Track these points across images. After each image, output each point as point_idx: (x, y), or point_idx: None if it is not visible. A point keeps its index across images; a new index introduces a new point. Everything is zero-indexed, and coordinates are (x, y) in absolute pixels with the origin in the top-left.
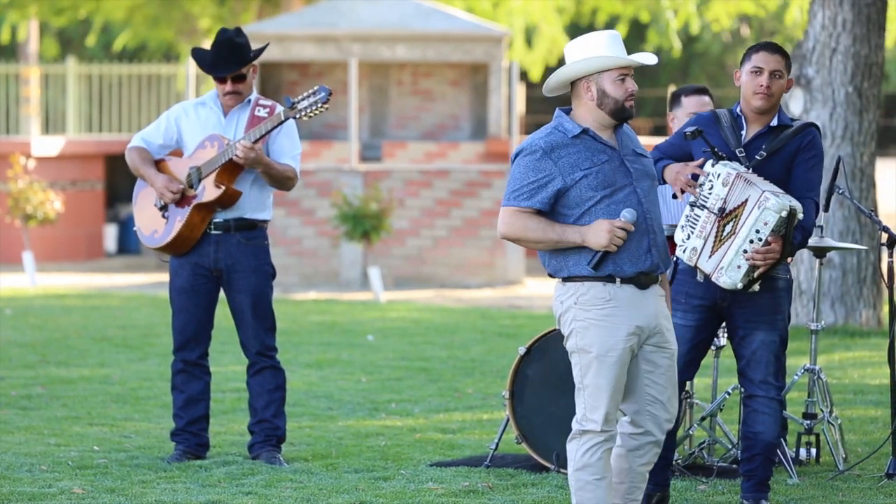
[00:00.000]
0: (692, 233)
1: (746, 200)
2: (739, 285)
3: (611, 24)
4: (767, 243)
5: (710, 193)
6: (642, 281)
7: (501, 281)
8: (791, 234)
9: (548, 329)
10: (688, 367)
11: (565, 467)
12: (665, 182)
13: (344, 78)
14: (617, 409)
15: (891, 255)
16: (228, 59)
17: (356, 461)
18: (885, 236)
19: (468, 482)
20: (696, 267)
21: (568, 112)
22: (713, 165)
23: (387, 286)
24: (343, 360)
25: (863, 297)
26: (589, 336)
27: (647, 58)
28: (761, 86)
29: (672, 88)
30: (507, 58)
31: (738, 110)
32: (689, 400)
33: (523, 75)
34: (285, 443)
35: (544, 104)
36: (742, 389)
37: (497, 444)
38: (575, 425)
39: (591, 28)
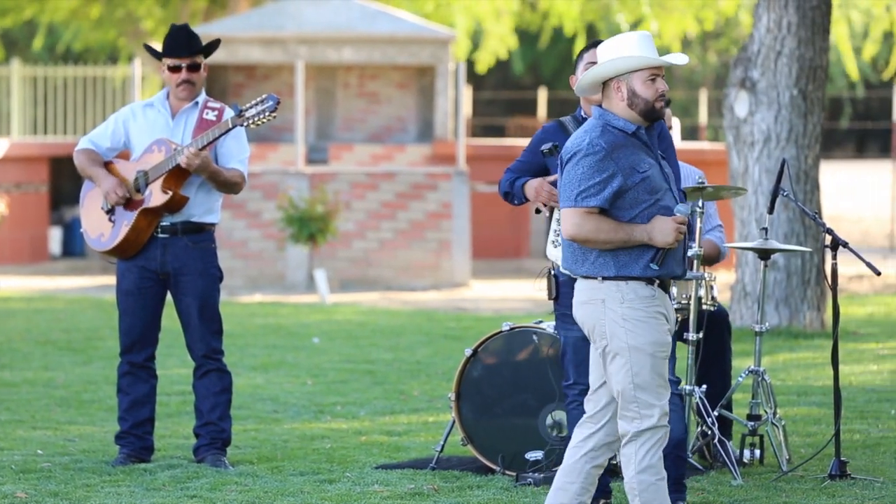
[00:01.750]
0: None
1: None
2: None
3: (562, 30)
4: None
5: None
6: (666, 284)
7: (447, 283)
8: None
9: (494, 331)
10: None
11: (511, 469)
12: (527, 199)
13: (290, 80)
14: (668, 402)
15: (834, 258)
16: (185, 44)
17: (301, 464)
18: (829, 238)
19: (414, 484)
20: None
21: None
22: None
23: (332, 289)
24: (288, 363)
25: (807, 298)
26: (642, 334)
27: (678, 58)
28: None
29: None
30: (454, 59)
31: (581, 114)
32: None
33: (470, 77)
34: (230, 446)
35: (491, 107)
36: None
37: (443, 447)
38: (627, 427)
39: (540, 32)
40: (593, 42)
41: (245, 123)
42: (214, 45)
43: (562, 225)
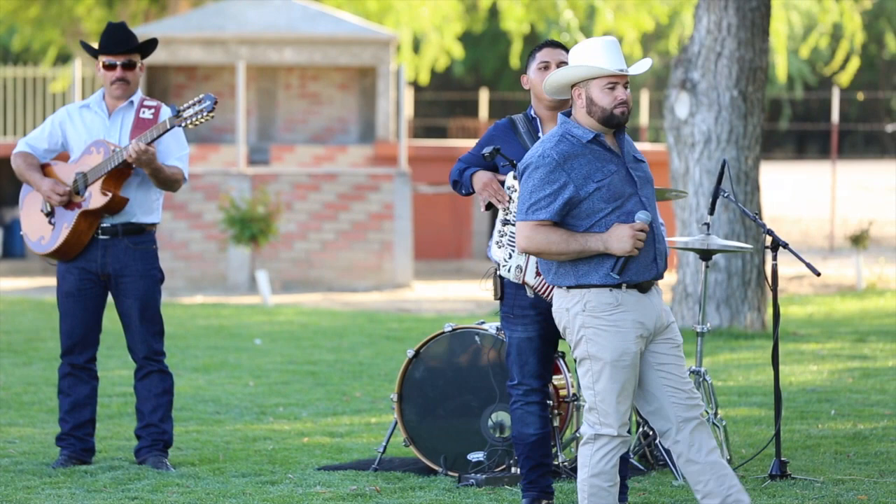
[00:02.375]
0: (513, 251)
1: None
2: None
3: (502, 31)
4: None
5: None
6: (644, 286)
7: (389, 284)
8: None
9: (436, 332)
10: (546, 372)
11: (453, 470)
12: (473, 190)
13: (231, 81)
14: (630, 413)
15: (775, 258)
16: (120, 42)
17: (243, 465)
18: (769, 239)
19: (356, 486)
20: (524, 283)
21: (568, 116)
22: (515, 178)
23: (274, 290)
24: (230, 364)
25: (747, 299)
26: (600, 342)
27: (638, 67)
28: None
29: None
30: (396, 61)
31: (531, 113)
32: (576, 402)
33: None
34: (172, 447)
35: (432, 108)
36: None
37: (385, 448)
38: (587, 430)
39: (483, 34)
40: (546, 41)
41: (183, 124)
42: (152, 44)
43: (515, 238)
